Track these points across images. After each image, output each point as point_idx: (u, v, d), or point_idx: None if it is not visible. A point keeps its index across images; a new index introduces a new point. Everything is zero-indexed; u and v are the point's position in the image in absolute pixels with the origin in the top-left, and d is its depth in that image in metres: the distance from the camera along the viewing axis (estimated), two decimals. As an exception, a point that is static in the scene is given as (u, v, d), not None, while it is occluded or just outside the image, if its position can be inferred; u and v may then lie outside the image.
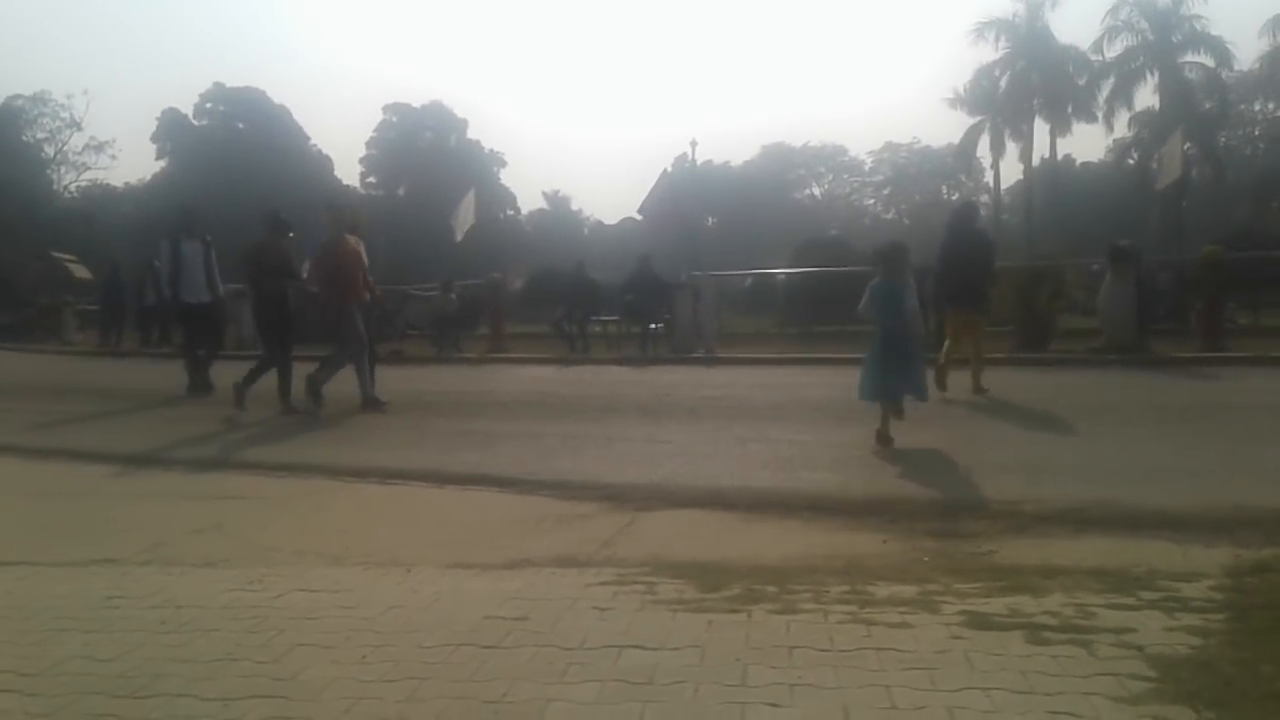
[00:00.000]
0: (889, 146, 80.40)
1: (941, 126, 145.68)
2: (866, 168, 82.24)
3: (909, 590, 3.67)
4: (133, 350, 22.45)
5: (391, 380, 14.07)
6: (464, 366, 17.45)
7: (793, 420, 8.67)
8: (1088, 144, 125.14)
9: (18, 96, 64.71)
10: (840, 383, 9.28)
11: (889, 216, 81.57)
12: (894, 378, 7.27)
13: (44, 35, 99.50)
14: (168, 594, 3.84)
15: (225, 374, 11.06)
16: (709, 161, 67.82)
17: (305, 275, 10.81)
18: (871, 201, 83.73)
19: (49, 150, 66.52)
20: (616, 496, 5.70)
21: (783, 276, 26.38)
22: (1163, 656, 2.92)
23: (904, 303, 7.37)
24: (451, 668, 2.97)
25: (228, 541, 4.84)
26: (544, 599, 3.66)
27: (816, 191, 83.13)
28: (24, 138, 64.60)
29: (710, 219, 67.31)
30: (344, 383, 10.08)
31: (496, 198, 69.87)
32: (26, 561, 4.46)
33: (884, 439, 7.21)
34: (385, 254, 56.77)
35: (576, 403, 10.50)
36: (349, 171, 78.53)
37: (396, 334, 20.83)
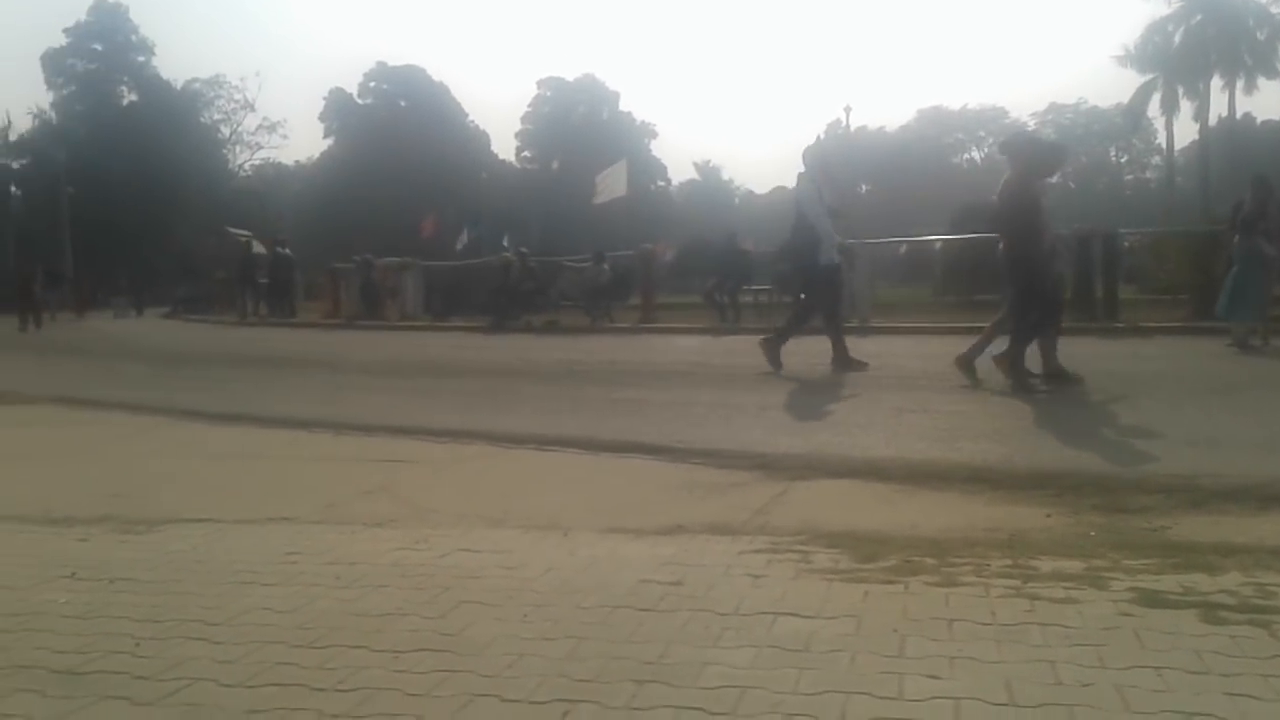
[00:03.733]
0: (1053, 108, 77.35)
1: (1109, 86, 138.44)
2: (1029, 130, 79.12)
3: (1075, 565, 3.54)
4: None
5: (546, 350, 14.39)
6: (616, 336, 17.67)
7: (952, 390, 8.45)
8: (1269, 101, 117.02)
9: (195, 80, 68.56)
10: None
11: (1054, 181, 78.41)
12: (1242, 305, 11.32)
13: (219, 20, 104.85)
14: (340, 551, 4.03)
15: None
16: (863, 127, 66.42)
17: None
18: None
19: (225, 131, 70.31)
20: (769, 465, 5.67)
21: (939, 244, 25.70)
22: (1352, 640, 2.75)
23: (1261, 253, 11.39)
24: (609, 628, 3.03)
25: (394, 503, 5.03)
26: (698, 565, 3.69)
27: (976, 156, 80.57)
28: (202, 119, 68.33)
29: (863, 186, 66.00)
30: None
31: (647, 169, 70.19)
32: (210, 519, 4.73)
33: (1242, 346, 11.13)
34: (539, 227, 57.85)
35: (729, 372, 10.50)
36: (505, 146, 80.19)
37: (551, 305, 21.26)
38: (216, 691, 2.62)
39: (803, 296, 10.96)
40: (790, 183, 11.65)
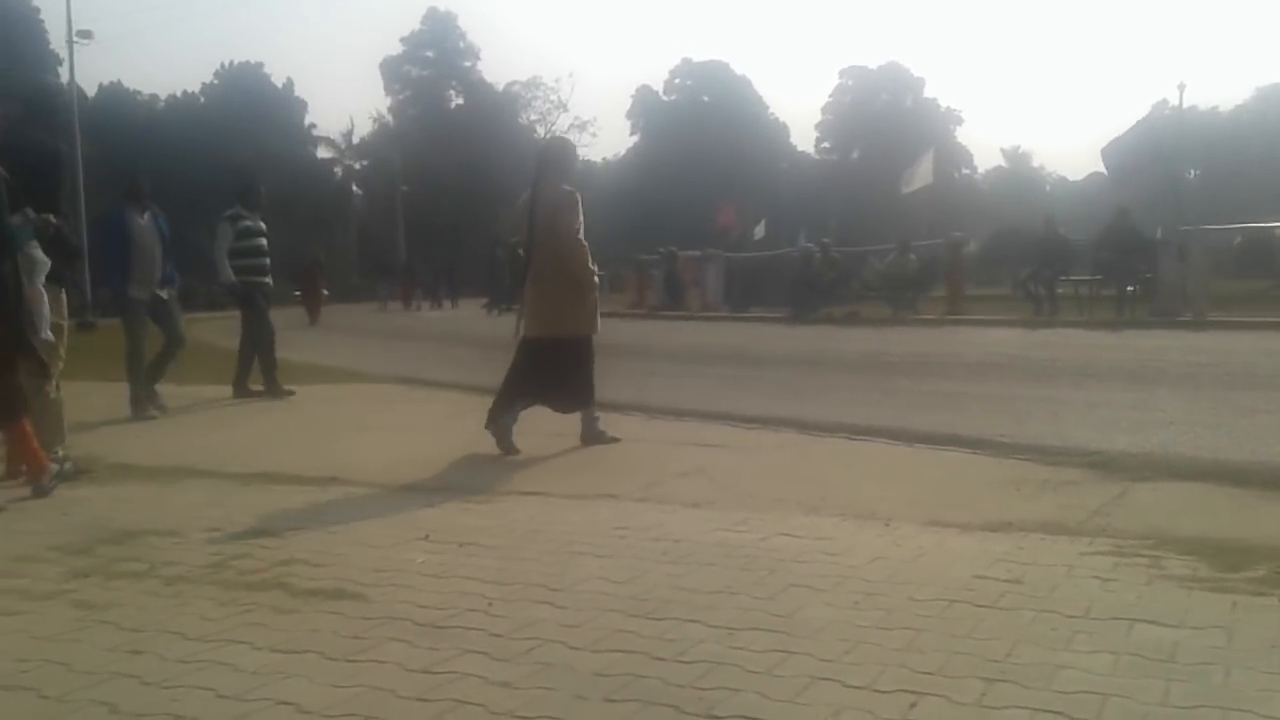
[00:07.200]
0: None
1: None
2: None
3: None
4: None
5: (849, 340, 14.20)
6: (922, 328, 17.17)
7: (1312, 390, 7.60)
8: None
9: (515, 83, 72.82)
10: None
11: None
12: None
13: (536, 24, 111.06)
14: (664, 528, 4.12)
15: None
16: (1193, 107, 60.97)
17: None
18: (1406, 141, 70.87)
19: (540, 131, 74.24)
20: (1104, 464, 5.30)
21: (1283, 232, 23.23)
22: None
23: None
24: (946, 623, 2.91)
25: (710, 485, 5.10)
26: (1035, 564, 3.49)
27: (1325, 136, 71.85)
28: (520, 120, 72.57)
29: (1192, 171, 60.65)
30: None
31: (952, 157, 67.82)
32: (541, 493, 4.98)
33: None
34: (838, 217, 57.24)
35: (1048, 366, 9.94)
36: (804, 138, 79.75)
37: (852, 296, 20.95)
38: (566, 653, 2.73)
39: None
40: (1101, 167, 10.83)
